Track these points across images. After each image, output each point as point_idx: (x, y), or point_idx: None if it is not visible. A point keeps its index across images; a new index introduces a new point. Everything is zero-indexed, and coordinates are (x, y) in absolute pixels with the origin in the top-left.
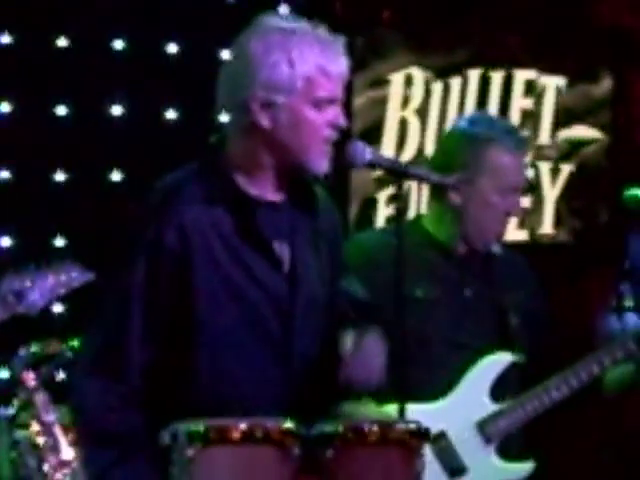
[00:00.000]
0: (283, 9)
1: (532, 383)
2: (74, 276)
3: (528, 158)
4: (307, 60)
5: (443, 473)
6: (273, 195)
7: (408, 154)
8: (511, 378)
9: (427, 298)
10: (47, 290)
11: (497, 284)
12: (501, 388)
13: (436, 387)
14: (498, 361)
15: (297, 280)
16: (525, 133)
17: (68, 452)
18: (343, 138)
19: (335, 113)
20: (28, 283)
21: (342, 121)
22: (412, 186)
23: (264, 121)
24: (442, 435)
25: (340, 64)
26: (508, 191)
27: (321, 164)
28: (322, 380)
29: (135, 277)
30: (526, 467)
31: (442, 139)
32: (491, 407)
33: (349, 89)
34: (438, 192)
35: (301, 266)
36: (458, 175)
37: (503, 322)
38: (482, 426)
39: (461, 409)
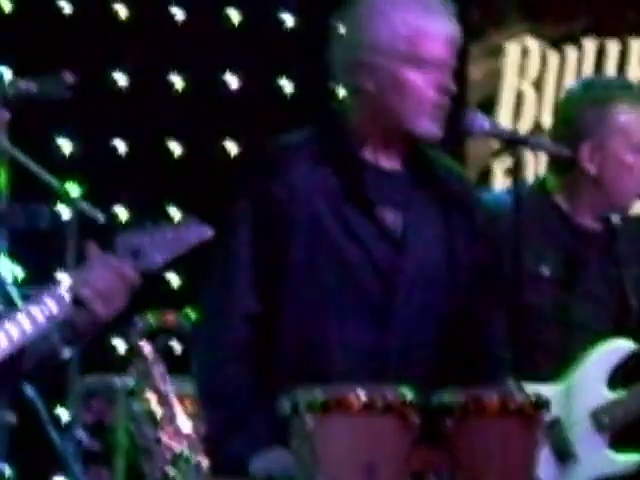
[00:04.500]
0: None
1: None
2: (194, 232)
3: None
4: (407, 22)
5: (554, 460)
6: (388, 163)
7: (524, 125)
8: (628, 366)
9: (553, 275)
10: (166, 247)
11: (618, 260)
12: (618, 376)
13: (552, 370)
14: (620, 348)
15: (406, 249)
16: None
17: (185, 423)
18: (459, 108)
19: (440, 75)
20: (146, 240)
21: (450, 85)
22: (529, 157)
23: (369, 85)
24: (556, 422)
25: (441, 24)
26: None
27: (428, 127)
28: (432, 358)
29: (243, 227)
30: (636, 459)
31: (559, 109)
32: (608, 396)
33: (464, 59)
34: (566, 164)
35: (414, 236)
36: (588, 143)
37: (623, 304)
38: (598, 415)
39: (577, 396)
